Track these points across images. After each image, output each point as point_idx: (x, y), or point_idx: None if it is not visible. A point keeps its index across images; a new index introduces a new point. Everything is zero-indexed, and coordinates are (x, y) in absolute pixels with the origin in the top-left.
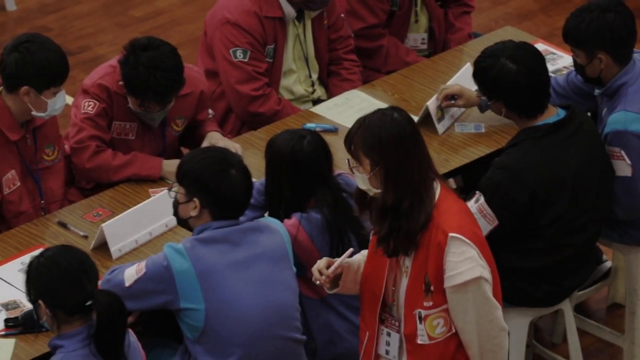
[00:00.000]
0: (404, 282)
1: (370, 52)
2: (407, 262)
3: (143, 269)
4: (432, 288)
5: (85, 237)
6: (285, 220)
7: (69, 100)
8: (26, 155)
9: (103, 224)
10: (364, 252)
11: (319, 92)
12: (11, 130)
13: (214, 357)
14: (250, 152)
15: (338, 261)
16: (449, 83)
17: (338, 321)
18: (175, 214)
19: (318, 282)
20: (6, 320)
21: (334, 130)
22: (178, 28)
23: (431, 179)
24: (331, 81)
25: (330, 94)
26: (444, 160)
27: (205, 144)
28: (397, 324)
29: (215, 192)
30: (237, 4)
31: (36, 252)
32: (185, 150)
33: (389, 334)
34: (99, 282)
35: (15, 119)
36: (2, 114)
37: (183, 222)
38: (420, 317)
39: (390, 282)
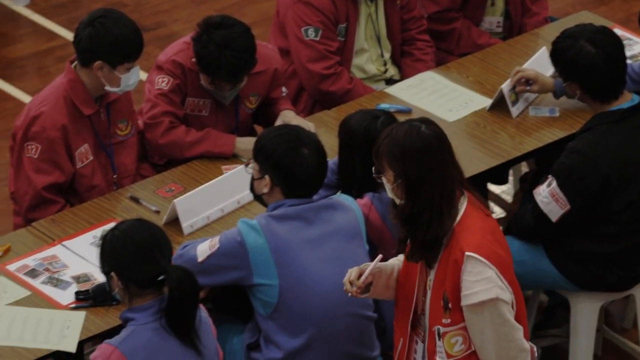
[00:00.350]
0: (428, 296)
1: (443, 34)
2: (431, 276)
3: (216, 245)
4: (450, 305)
5: (157, 212)
6: (358, 200)
7: (143, 76)
8: (99, 130)
9: (175, 200)
10: (400, 257)
11: (392, 71)
12: (85, 104)
13: (286, 334)
14: (323, 131)
15: (368, 270)
16: (524, 67)
17: None
18: (251, 189)
19: (350, 294)
20: (77, 293)
21: (407, 111)
22: (253, 6)
23: (455, 194)
24: (404, 61)
25: (404, 74)
26: (518, 143)
27: (278, 122)
28: (422, 334)
29: (286, 171)
30: None
31: (108, 226)
32: (258, 129)
33: (416, 342)
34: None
35: (89, 93)
36: (77, 89)
37: (258, 198)
38: (438, 334)
39: (420, 292)
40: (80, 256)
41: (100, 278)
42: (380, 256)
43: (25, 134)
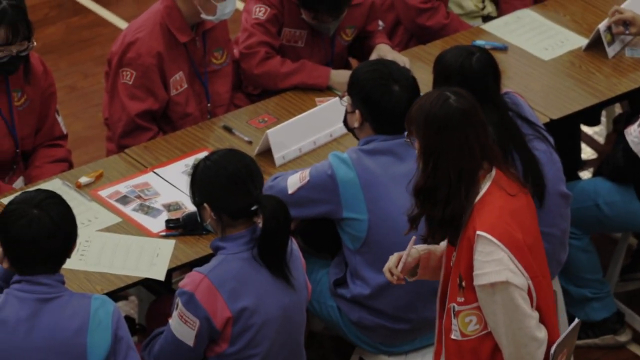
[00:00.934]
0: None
1: None
2: (454, 255)
3: (307, 177)
4: (463, 284)
5: (250, 142)
6: None
7: (240, 5)
8: (195, 58)
9: (268, 131)
10: None
11: (489, 8)
12: (181, 32)
13: (374, 269)
14: (418, 65)
15: (404, 257)
16: (622, 6)
17: None
18: (345, 122)
19: (393, 282)
20: (167, 222)
21: (503, 49)
22: None
23: (477, 174)
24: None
25: (501, 12)
26: (613, 84)
27: (373, 56)
28: None
29: (375, 106)
30: None
31: (200, 155)
32: (353, 62)
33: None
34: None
35: (186, 20)
36: (173, 15)
37: (351, 132)
38: (454, 312)
39: (448, 272)
40: (171, 184)
41: (191, 207)
42: (414, 238)
43: (121, 60)
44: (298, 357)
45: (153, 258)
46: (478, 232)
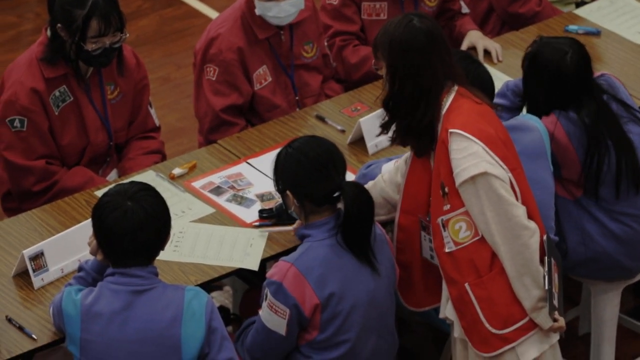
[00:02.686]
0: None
1: None
2: (432, 167)
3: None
4: (446, 190)
5: (343, 131)
6: (544, 117)
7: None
8: (280, 52)
9: (361, 119)
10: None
11: None
12: (260, 27)
13: None
14: (511, 52)
15: None
16: None
17: (590, 223)
18: None
19: None
20: (260, 212)
21: (596, 33)
22: None
23: (439, 92)
24: None
25: None
26: None
27: (465, 43)
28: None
29: None
30: None
31: None
32: None
33: (430, 241)
34: (355, 176)
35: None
36: (253, 11)
37: None
38: (442, 224)
39: (424, 192)
40: (264, 174)
41: None
42: None
43: (204, 56)
44: (389, 342)
45: (247, 248)
46: (450, 130)
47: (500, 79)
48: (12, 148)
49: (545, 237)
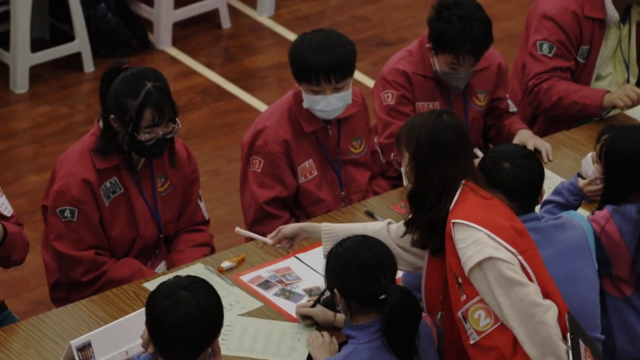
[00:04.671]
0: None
1: None
2: (446, 265)
3: None
4: (460, 280)
5: None
6: (597, 212)
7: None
8: (327, 146)
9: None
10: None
11: (632, 79)
12: (307, 120)
13: None
14: (562, 151)
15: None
16: None
17: (639, 323)
18: None
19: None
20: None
21: None
22: (497, 24)
23: (458, 184)
24: None
25: None
26: None
27: (516, 140)
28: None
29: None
30: (558, 0)
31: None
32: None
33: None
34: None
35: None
36: (301, 104)
37: None
38: (463, 317)
39: (440, 289)
40: (313, 269)
41: None
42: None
43: (250, 148)
44: None
45: (294, 343)
46: (452, 221)
47: (550, 178)
48: (62, 238)
49: (567, 316)
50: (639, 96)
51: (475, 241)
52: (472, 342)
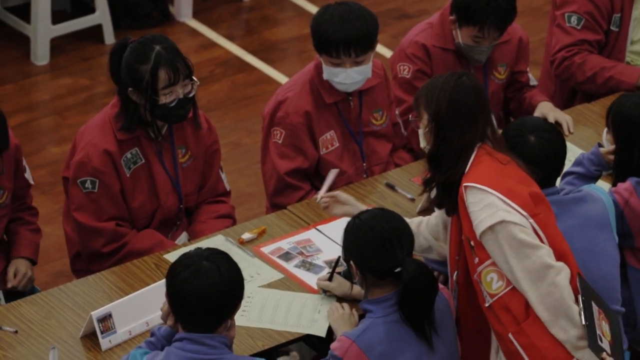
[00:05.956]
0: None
1: None
2: (459, 227)
3: None
4: (472, 243)
5: (412, 200)
6: (619, 184)
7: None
8: (349, 117)
9: None
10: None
11: None
12: (328, 91)
13: None
14: (582, 124)
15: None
16: None
17: None
18: None
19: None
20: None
21: None
22: None
23: (474, 146)
24: None
25: None
26: None
27: (537, 113)
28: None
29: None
30: None
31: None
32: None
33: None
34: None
35: None
36: (322, 75)
37: None
38: (479, 280)
39: (456, 249)
40: (333, 241)
41: None
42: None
43: (272, 119)
44: None
45: (314, 314)
46: (465, 184)
47: (571, 150)
48: (83, 209)
49: (578, 278)
50: None
51: (487, 204)
52: (487, 304)
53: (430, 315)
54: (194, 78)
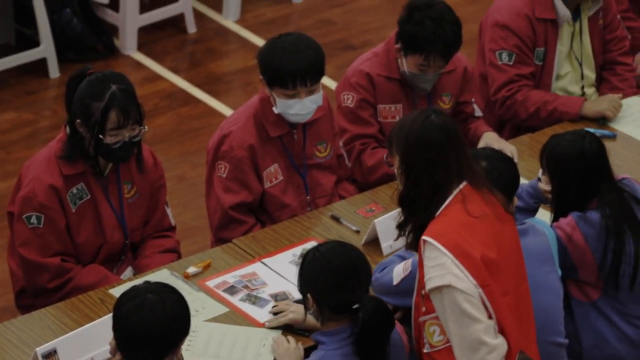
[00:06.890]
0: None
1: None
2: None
3: (409, 268)
4: (423, 292)
5: (357, 232)
6: (561, 219)
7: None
8: (293, 150)
9: (375, 220)
10: None
11: (589, 92)
12: (273, 125)
13: None
14: (527, 154)
15: None
16: None
17: (605, 326)
18: None
19: None
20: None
21: (612, 137)
22: (462, 27)
23: (450, 187)
24: (601, 89)
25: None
26: None
27: (481, 144)
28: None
29: None
30: (508, 6)
31: (308, 245)
32: None
33: None
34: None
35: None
36: (266, 108)
37: None
38: (422, 327)
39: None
40: (279, 274)
41: (298, 297)
42: None
43: (216, 153)
44: None
45: (259, 348)
46: (424, 238)
47: None
48: (28, 244)
49: (518, 355)
50: (620, 105)
51: (439, 264)
52: (425, 350)
53: (385, 351)
54: (143, 124)
